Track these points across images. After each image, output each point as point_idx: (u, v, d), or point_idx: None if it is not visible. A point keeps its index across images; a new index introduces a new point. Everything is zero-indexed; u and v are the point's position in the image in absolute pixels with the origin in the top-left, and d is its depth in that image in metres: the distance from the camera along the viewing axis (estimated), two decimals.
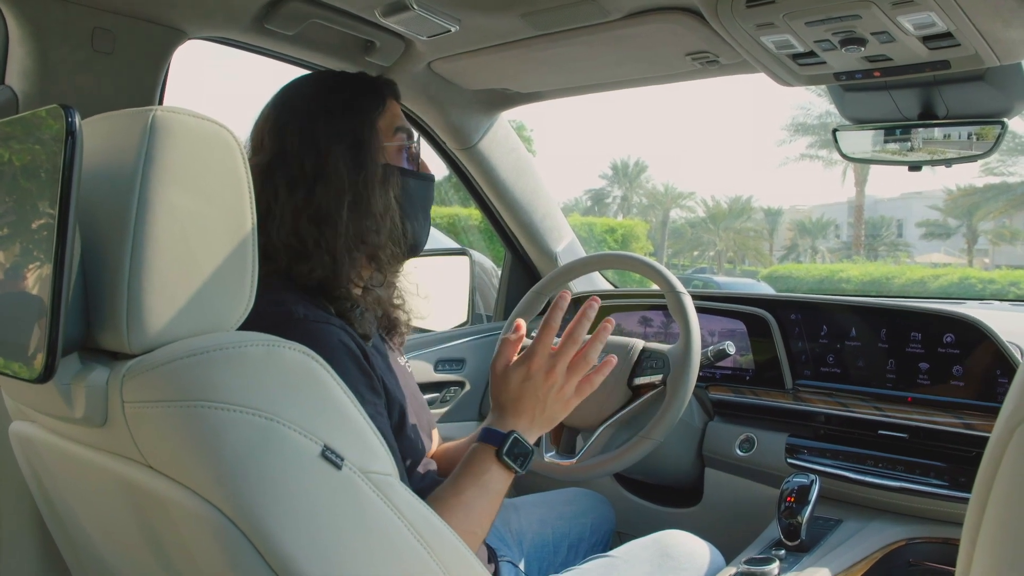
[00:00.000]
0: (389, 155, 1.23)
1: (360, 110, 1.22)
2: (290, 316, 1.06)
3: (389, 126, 1.25)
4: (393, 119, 1.26)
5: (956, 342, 1.67)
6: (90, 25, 1.44)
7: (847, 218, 39.84)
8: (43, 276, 0.75)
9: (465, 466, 1.13)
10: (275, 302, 1.06)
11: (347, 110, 1.22)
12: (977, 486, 0.60)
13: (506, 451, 1.13)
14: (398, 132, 1.26)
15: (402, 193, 1.24)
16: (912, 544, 1.56)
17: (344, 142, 1.19)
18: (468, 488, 1.11)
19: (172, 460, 0.79)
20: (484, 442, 1.15)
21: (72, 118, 0.73)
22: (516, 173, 2.32)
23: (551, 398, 1.17)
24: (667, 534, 1.48)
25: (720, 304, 2.03)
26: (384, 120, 1.24)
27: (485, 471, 1.12)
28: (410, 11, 1.56)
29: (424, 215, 1.30)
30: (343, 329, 1.10)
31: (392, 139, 1.25)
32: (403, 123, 1.27)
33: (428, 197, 1.31)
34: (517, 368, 1.18)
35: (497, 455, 1.12)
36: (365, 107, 1.23)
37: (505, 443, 1.13)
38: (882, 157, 1.70)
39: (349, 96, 1.23)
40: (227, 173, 0.83)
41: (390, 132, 1.25)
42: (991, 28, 1.27)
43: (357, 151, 1.19)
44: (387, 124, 1.24)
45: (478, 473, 1.12)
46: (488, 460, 1.13)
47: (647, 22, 1.54)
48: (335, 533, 0.79)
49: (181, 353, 0.77)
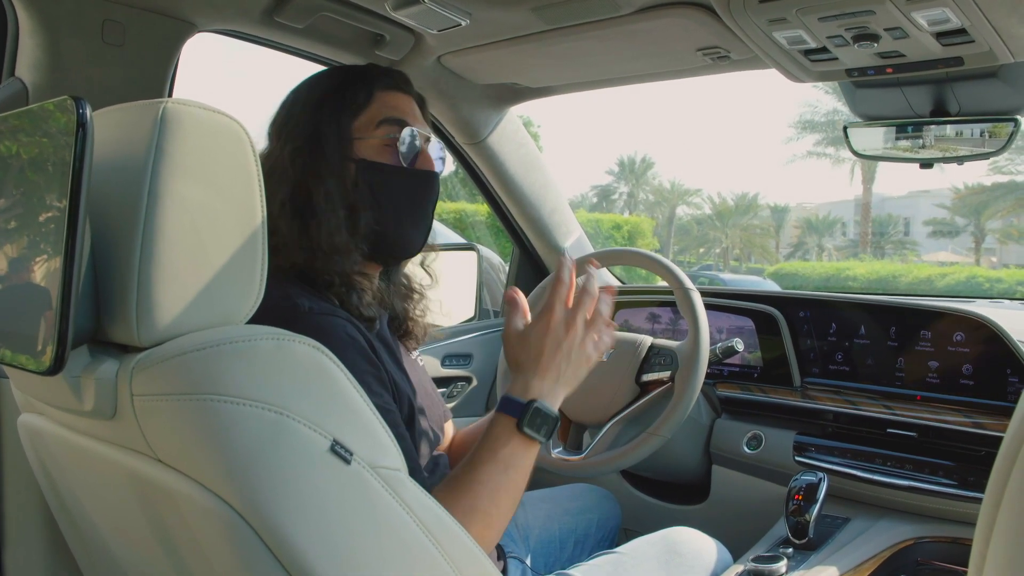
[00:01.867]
0: (368, 151, 1.20)
1: (333, 104, 1.20)
2: (296, 309, 1.05)
3: (372, 120, 1.20)
4: (380, 111, 1.21)
5: (966, 341, 1.66)
6: (100, 17, 1.44)
7: (854, 216, 39.75)
8: (52, 269, 0.75)
9: (483, 440, 1.08)
10: (282, 296, 1.05)
11: (321, 105, 1.20)
12: (991, 484, 0.60)
13: (527, 422, 1.07)
14: (383, 125, 1.21)
15: (381, 190, 1.20)
16: (920, 543, 1.55)
17: (304, 136, 1.18)
18: (485, 463, 1.06)
19: (181, 454, 0.79)
20: (502, 412, 1.09)
21: (83, 110, 0.73)
22: (525, 168, 2.32)
23: (575, 351, 1.13)
24: (675, 531, 1.48)
25: (729, 301, 2.03)
26: (366, 114, 1.20)
27: (504, 444, 1.07)
28: (420, 4, 1.55)
29: (412, 213, 1.24)
30: (349, 321, 1.09)
31: (372, 133, 1.20)
32: (393, 115, 1.22)
33: (420, 194, 1.25)
34: (536, 324, 1.14)
35: (518, 426, 1.07)
36: (342, 101, 1.20)
37: (526, 413, 1.08)
38: (893, 154, 1.69)
39: (330, 90, 1.21)
40: (237, 166, 0.83)
41: (371, 126, 1.20)
42: (1006, 24, 1.26)
43: (317, 143, 1.17)
44: (370, 118, 1.20)
45: (496, 448, 1.07)
46: (508, 432, 1.08)
47: (659, 17, 1.53)
48: (344, 527, 0.79)
49: (191, 346, 0.76)
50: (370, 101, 1.21)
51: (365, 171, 1.18)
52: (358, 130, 1.20)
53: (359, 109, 1.20)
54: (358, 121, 1.20)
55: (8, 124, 0.84)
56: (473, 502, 1.03)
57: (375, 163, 1.19)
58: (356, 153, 1.19)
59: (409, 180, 1.22)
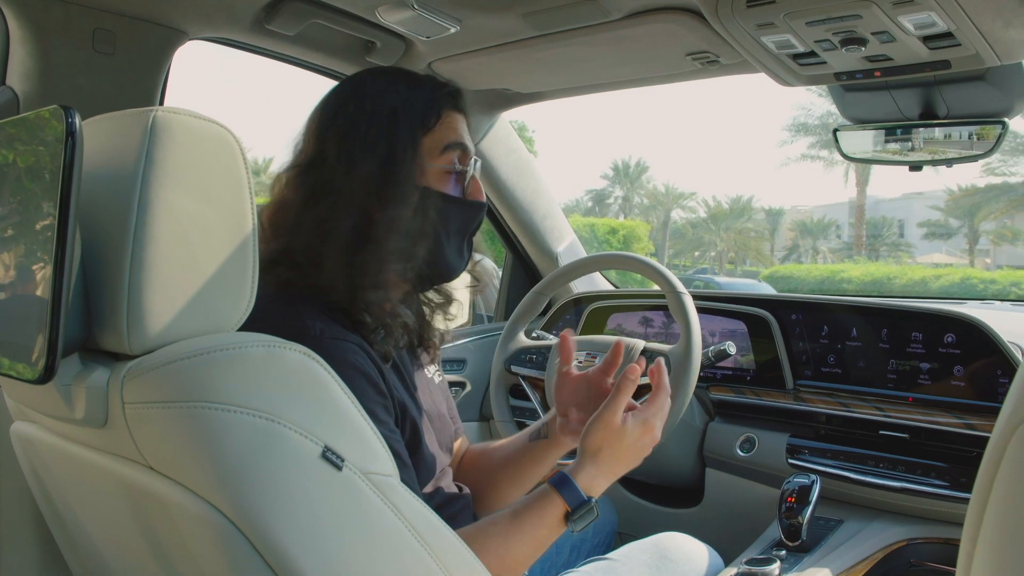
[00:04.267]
0: (431, 177, 1.12)
1: (405, 122, 1.11)
2: (306, 332, 1.00)
3: (438, 143, 1.12)
4: (446, 135, 1.13)
5: (957, 342, 1.67)
6: (91, 26, 1.44)
7: (848, 218, 39.79)
8: (45, 277, 0.75)
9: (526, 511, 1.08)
10: (293, 315, 1.01)
11: (391, 120, 1.10)
12: (978, 486, 0.60)
13: (578, 518, 1.07)
14: (448, 151, 1.13)
15: (439, 221, 1.12)
16: (913, 544, 1.56)
17: (377, 158, 1.08)
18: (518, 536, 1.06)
19: (172, 461, 0.79)
20: (559, 494, 1.08)
21: (72, 119, 0.73)
22: (517, 173, 2.32)
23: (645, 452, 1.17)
24: (665, 536, 1.48)
25: (721, 304, 2.03)
26: (434, 136, 1.12)
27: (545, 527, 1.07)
28: (411, 11, 1.56)
29: (463, 243, 1.19)
30: (359, 346, 1.04)
31: (438, 159, 1.12)
32: (458, 139, 1.14)
33: (473, 225, 1.19)
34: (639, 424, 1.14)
35: (566, 517, 1.07)
36: (412, 120, 1.11)
37: (581, 510, 1.07)
38: (883, 157, 1.70)
39: (399, 104, 1.11)
40: (228, 174, 0.83)
41: (437, 151, 1.12)
42: (992, 28, 1.27)
43: (391, 170, 1.08)
44: (436, 141, 1.12)
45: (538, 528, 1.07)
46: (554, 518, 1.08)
47: (647, 22, 1.54)
48: (336, 534, 0.79)
49: (181, 354, 0.77)
50: (439, 122, 1.13)
51: (429, 200, 1.11)
52: (426, 154, 1.12)
53: (428, 130, 1.12)
54: (425, 144, 1.12)
55: (4, 133, 0.84)
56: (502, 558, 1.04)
57: (439, 193, 1.13)
58: (423, 179, 1.11)
59: (466, 211, 1.17)
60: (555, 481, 1.09)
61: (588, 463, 1.11)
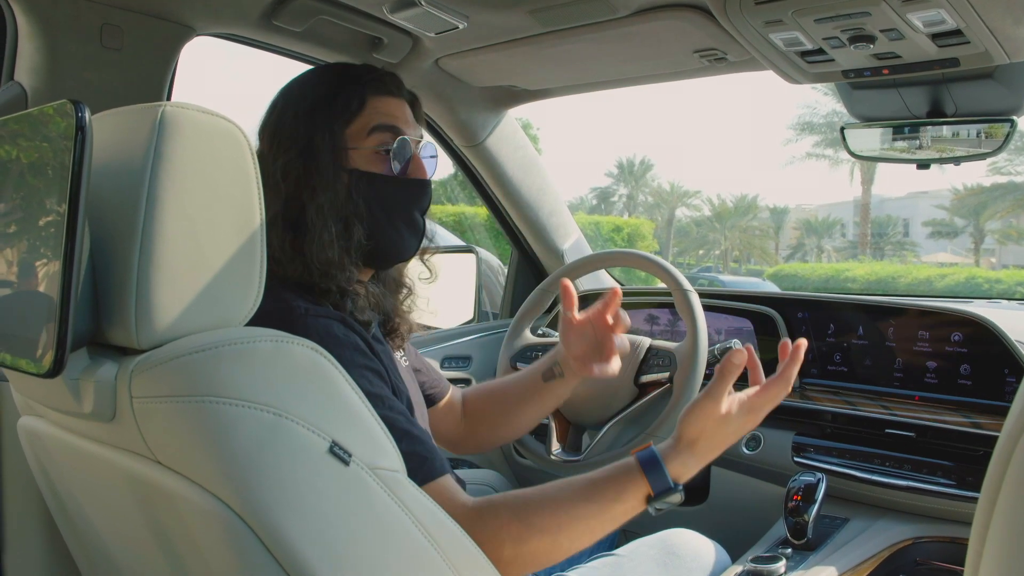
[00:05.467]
0: (360, 160, 1.17)
1: (327, 111, 1.16)
2: (292, 311, 1.04)
3: (363, 127, 1.17)
4: (371, 119, 1.18)
5: (964, 341, 1.66)
6: (99, 21, 1.44)
7: (853, 217, 39.73)
8: (51, 272, 0.75)
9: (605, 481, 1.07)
10: (276, 299, 1.03)
11: (313, 111, 1.16)
12: (987, 484, 0.60)
13: (659, 501, 1.06)
14: (375, 133, 1.17)
15: (374, 200, 1.17)
16: (919, 543, 1.55)
17: (302, 147, 1.14)
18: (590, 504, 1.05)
19: (180, 455, 0.79)
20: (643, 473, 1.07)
21: (82, 113, 0.73)
22: (523, 170, 2.32)
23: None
24: (673, 533, 1.48)
25: (727, 302, 2.03)
26: (360, 121, 1.17)
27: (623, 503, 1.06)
28: (418, 7, 1.56)
29: (407, 221, 1.22)
30: (343, 321, 1.08)
31: (365, 141, 1.17)
32: (386, 122, 1.18)
33: (415, 202, 1.23)
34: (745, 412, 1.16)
35: (648, 499, 1.06)
36: (335, 108, 1.16)
37: (665, 495, 1.06)
38: (890, 155, 1.70)
39: (322, 95, 1.17)
40: (236, 169, 0.83)
41: (363, 135, 1.17)
42: (1001, 25, 1.26)
43: (310, 157, 1.14)
44: (362, 126, 1.17)
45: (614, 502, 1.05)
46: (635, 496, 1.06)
47: (655, 19, 1.53)
48: (343, 529, 0.79)
49: (189, 349, 0.77)
50: (362, 108, 1.18)
51: (359, 182, 1.16)
52: (351, 139, 1.17)
53: (352, 117, 1.17)
54: (350, 129, 1.17)
55: (8, 128, 0.84)
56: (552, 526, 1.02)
57: (368, 173, 1.17)
58: (349, 163, 1.16)
59: (403, 189, 1.20)
60: (644, 460, 1.08)
61: (684, 450, 1.11)
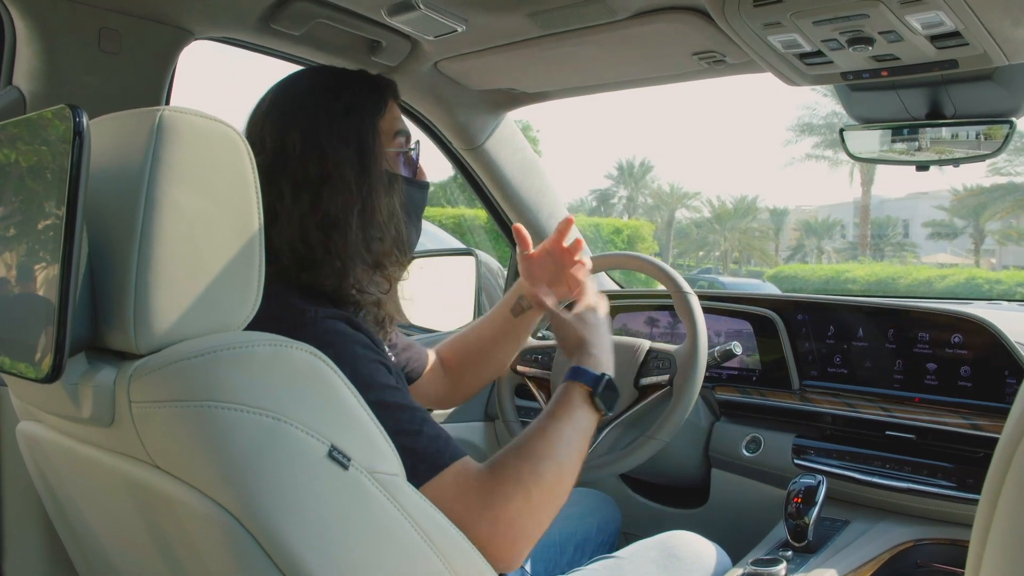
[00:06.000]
0: (390, 161, 1.19)
1: (363, 112, 1.17)
2: (305, 315, 1.02)
3: (390, 129, 1.20)
4: (393, 122, 1.21)
5: (964, 342, 1.66)
6: (97, 25, 1.45)
7: (853, 218, 39.71)
8: (50, 276, 0.75)
9: (555, 406, 1.14)
10: (286, 304, 1.03)
11: (350, 112, 1.16)
12: (987, 486, 0.60)
13: (601, 393, 1.15)
14: (397, 136, 1.21)
15: (405, 200, 1.20)
16: (920, 545, 1.55)
17: (350, 146, 1.13)
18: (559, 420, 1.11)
19: (179, 460, 0.79)
20: (576, 382, 1.17)
21: (80, 118, 0.73)
22: (522, 173, 2.32)
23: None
24: (673, 535, 1.48)
25: (726, 304, 2.03)
26: (385, 123, 1.19)
27: (579, 407, 1.14)
28: (416, 11, 1.56)
29: (419, 222, 1.27)
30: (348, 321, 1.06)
31: (392, 143, 1.20)
32: (403, 126, 1.23)
33: (423, 204, 1.28)
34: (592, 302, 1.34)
35: (591, 396, 1.15)
36: (368, 109, 1.18)
37: (599, 384, 1.16)
38: (889, 157, 1.70)
39: (351, 97, 1.17)
40: (234, 173, 0.83)
41: (390, 136, 1.20)
42: (1000, 27, 1.26)
43: (363, 157, 1.14)
44: (388, 127, 1.20)
45: (571, 411, 1.13)
46: (582, 399, 1.15)
47: (654, 22, 1.53)
48: (342, 533, 0.79)
49: (188, 353, 0.77)
50: (386, 111, 1.20)
51: (396, 184, 1.18)
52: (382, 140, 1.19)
53: (380, 120, 1.19)
54: (381, 129, 1.18)
55: (7, 132, 0.84)
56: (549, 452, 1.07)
57: (402, 176, 1.20)
58: (386, 164, 1.18)
59: (420, 191, 1.26)
60: (569, 374, 1.19)
61: (584, 354, 1.22)
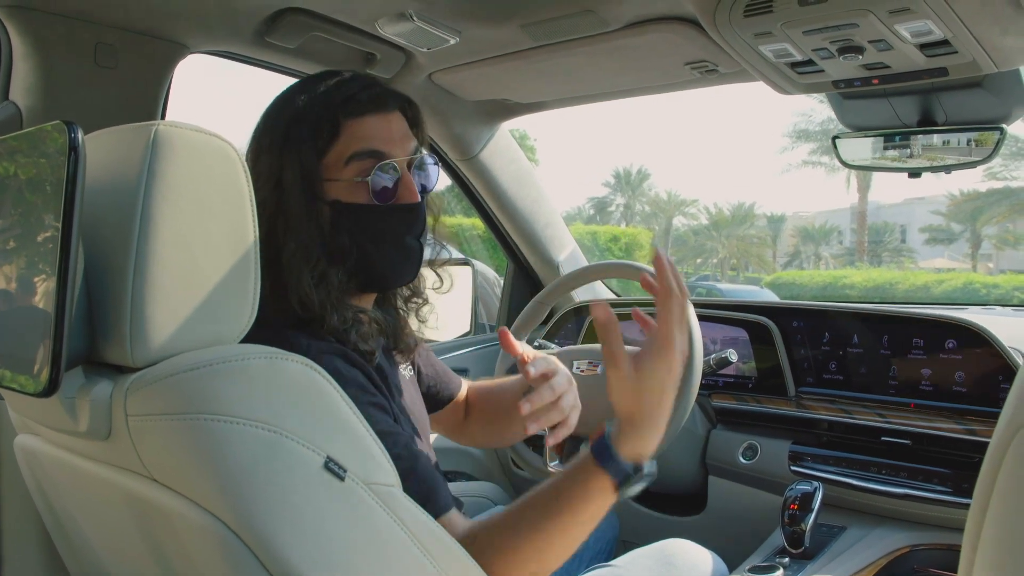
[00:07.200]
0: (340, 191, 1.08)
1: (297, 142, 1.06)
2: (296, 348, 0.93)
3: (340, 157, 1.07)
4: (348, 146, 1.07)
5: (958, 348, 1.67)
6: (93, 40, 1.45)
7: (850, 224, 39.76)
8: (48, 290, 0.76)
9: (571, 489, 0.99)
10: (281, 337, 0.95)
11: (285, 142, 1.07)
12: (978, 492, 0.60)
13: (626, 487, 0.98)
14: (352, 162, 1.07)
15: (359, 232, 1.09)
16: (916, 551, 1.55)
17: (278, 186, 1.05)
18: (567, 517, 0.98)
19: (176, 473, 0.79)
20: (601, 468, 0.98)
21: (75, 134, 0.73)
22: (517, 183, 2.33)
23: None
24: (670, 543, 1.48)
25: (722, 312, 2.03)
26: (335, 150, 1.07)
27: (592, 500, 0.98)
28: (411, 23, 1.57)
29: (398, 249, 1.13)
30: (344, 356, 1.03)
31: (343, 172, 1.07)
32: (363, 148, 1.08)
33: (405, 227, 1.13)
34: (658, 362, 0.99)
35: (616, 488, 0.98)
36: (306, 137, 1.07)
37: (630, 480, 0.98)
38: (882, 164, 1.70)
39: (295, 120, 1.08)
40: (229, 187, 0.83)
41: (340, 164, 1.07)
42: (988, 35, 1.27)
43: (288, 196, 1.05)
44: (338, 155, 1.07)
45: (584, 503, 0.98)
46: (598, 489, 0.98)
47: (646, 32, 1.54)
48: (339, 545, 0.79)
49: (184, 366, 0.77)
50: (337, 135, 1.08)
51: (340, 215, 1.08)
52: (328, 169, 1.08)
53: (326, 146, 1.07)
54: (327, 159, 1.08)
55: (6, 146, 0.85)
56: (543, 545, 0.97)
57: (350, 205, 1.08)
58: (328, 195, 1.07)
59: (388, 217, 1.10)
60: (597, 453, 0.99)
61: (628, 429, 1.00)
